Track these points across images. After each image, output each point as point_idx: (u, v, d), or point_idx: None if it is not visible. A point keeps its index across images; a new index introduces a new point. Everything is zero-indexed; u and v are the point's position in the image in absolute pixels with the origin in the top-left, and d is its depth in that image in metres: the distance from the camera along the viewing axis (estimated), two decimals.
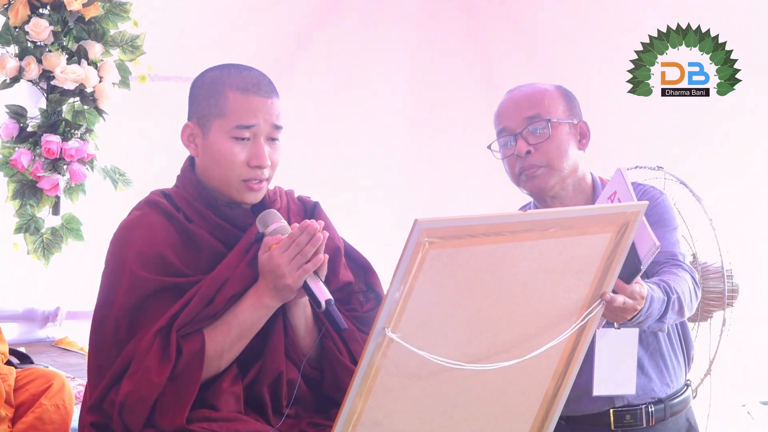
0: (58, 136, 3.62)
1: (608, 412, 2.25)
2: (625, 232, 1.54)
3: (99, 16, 3.70)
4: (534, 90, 2.27)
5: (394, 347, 1.37)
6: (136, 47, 3.78)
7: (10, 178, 3.69)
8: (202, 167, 1.92)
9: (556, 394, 1.68)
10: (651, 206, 2.19)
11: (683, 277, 2.10)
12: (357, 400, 1.40)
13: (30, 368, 2.80)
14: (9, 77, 3.62)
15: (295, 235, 1.77)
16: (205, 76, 1.93)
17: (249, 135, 1.87)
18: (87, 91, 3.69)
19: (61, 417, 2.66)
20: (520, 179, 2.26)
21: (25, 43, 3.62)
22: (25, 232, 3.71)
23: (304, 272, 1.76)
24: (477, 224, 1.36)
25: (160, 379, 1.71)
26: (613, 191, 1.81)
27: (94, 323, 1.84)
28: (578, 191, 2.27)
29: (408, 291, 1.34)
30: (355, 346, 1.91)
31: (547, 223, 1.45)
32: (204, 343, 1.77)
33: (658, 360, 2.28)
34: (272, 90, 1.90)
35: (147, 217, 1.89)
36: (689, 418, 2.34)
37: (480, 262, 1.41)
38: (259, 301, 1.80)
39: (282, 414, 1.85)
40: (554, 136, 2.21)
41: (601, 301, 1.62)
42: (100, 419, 1.77)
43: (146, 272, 1.81)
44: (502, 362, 1.47)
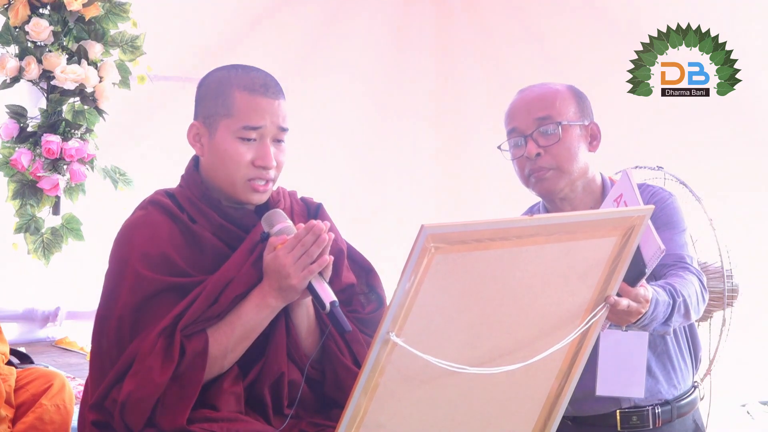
0: (58, 136, 3.63)
1: (615, 413, 2.25)
2: (631, 237, 1.54)
3: (99, 16, 3.70)
4: (545, 91, 2.25)
5: (398, 351, 1.37)
6: (136, 47, 3.78)
7: (10, 178, 3.70)
8: (208, 167, 1.92)
9: (559, 396, 1.69)
10: (659, 208, 2.19)
11: (690, 280, 2.09)
12: (360, 403, 1.40)
13: (30, 368, 2.80)
14: (9, 77, 3.62)
15: (301, 236, 1.76)
16: (213, 75, 1.93)
17: (256, 136, 1.87)
18: (87, 91, 3.70)
19: (61, 417, 2.66)
20: (530, 181, 2.25)
21: (25, 43, 3.62)
22: (25, 232, 3.71)
23: (309, 273, 1.76)
24: (483, 229, 1.36)
25: (162, 379, 1.71)
26: (619, 194, 1.81)
27: (97, 322, 1.84)
28: (587, 192, 2.26)
29: (413, 295, 1.34)
30: (357, 348, 1.91)
31: (552, 227, 1.45)
32: (207, 343, 1.77)
33: (665, 361, 2.27)
34: (279, 91, 1.90)
35: (150, 217, 1.89)
36: (696, 419, 2.33)
37: (485, 266, 1.41)
38: (264, 301, 1.80)
39: (282, 414, 1.85)
40: (564, 138, 2.20)
41: (606, 304, 1.62)
42: (101, 418, 1.77)
43: (150, 272, 1.81)
44: (506, 365, 1.47)
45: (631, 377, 2.18)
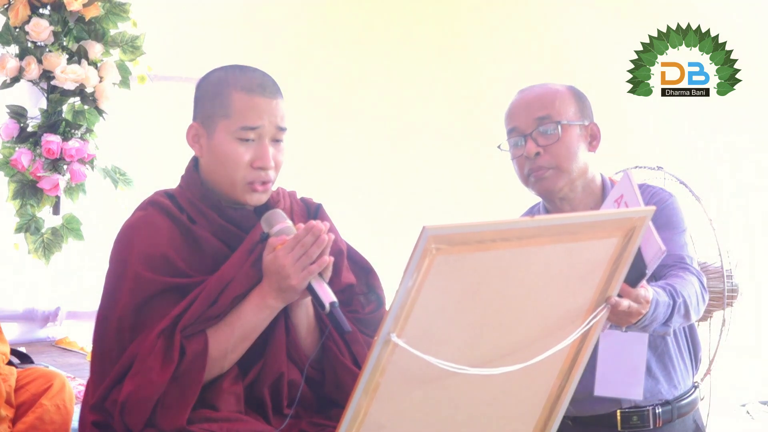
0: (58, 136, 3.63)
1: (615, 414, 2.26)
2: (632, 238, 1.54)
3: (99, 16, 3.70)
4: (545, 90, 2.26)
5: (400, 351, 1.36)
6: (136, 47, 3.78)
7: (11, 178, 3.70)
8: (207, 168, 1.92)
9: (560, 396, 1.68)
10: (660, 209, 2.18)
11: (690, 280, 2.09)
12: (361, 404, 1.40)
13: (30, 368, 2.80)
14: (9, 77, 3.63)
15: (301, 236, 1.76)
16: (210, 76, 1.92)
17: (254, 136, 1.86)
18: (87, 91, 3.70)
19: (61, 417, 2.66)
20: (529, 180, 2.25)
21: (25, 43, 3.62)
22: (25, 231, 3.72)
23: (309, 273, 1.76)
24: (484, 230, 1.36)
25: (162, 379, 1.71)
26: (620, 194, 1.81)
27: (98, 323, 1.84)
28: (588, 193, 2.26)
29: (414, 296, 1.34)
30: (357, 348, 1.91)
31: (553, 228, 1.44)
32: (207, 344, 1.77)
33: (665, 362, 2.28)
34: (277, 91, 1.90)
35: (150, 218, 1.88)
36: (696, 419, 2.34)
37: (487, 267, 1.40)
38: (263, 301, 1.80)
39: (282, 414, 1.85)
40: (564, 137, 2.20)
41: (606, 305, 1.62)
42: (101, 418, 1.77)
43: (150, 273, 1.80)
44: (507, 366, 1.47)
45: (630, 378, 2.18)
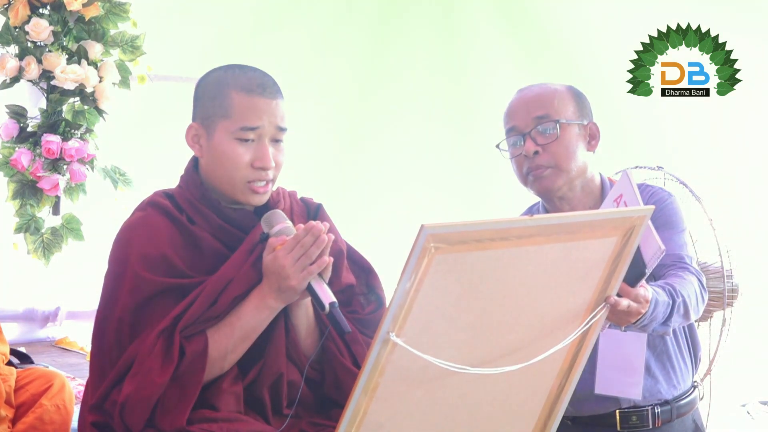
0: (58, 136, 3.63)
1: (614, 413, 2.26)
2: (631, 237, 1.54)
3: (99, 16, 3.70)
4: (544, 90, 2.26)
5: (399, 351, 1.36)
6: (136, 47, 3.78)
7: (10, 178, 3.70)
8: (207, 168, 1.91)
9: (559, 396, 1.68)
10: (659, 208, 2.19)
11: (689, 280, 2.09)
12: (360, 403, 1.40)
13: (30, 368, 2.80)
14: (9, 77, 3.62)
15: (300, 236, 1.76)
16: (210, 76, 1.92)
17: (253, 136, 1.86)
18: (87, 91, 3.70)
19: (61, 417, 2.66)
20: (528, 179, 2.25)
21: (25, 43, 3.62)
22: (25, 232, 3.72)
23: (309, 274, 1.76)
24: (483, 229, 1.36)
25: (162, 380, 1.71)
26: (619, 194, 1.81)
27: (97, 323, 1.84)
28: (586, 192, 2.26)
29: (413, 295, 1.34)
30: (357, 348, 1.91)
31: (552, 228, 1.44)
32: (207, 344, 1.77)
33: (665, 361, 2.28)
34: (277, 91, 1.89)
35: (150, 218, 1.88)
36: (696, 419, 2.34)
37: (485, 266, 1.40)
38: (263, 302, 1.80)
39: (281, 414, 1.85)
40: (563, 137, 2.20)
41: (606, 304, 1.62)
42: (101, 419, 1.77)
43: (149, 273, 1.80)
44: (507, 365, 1.47)
45: (629, 378, 2.19)
